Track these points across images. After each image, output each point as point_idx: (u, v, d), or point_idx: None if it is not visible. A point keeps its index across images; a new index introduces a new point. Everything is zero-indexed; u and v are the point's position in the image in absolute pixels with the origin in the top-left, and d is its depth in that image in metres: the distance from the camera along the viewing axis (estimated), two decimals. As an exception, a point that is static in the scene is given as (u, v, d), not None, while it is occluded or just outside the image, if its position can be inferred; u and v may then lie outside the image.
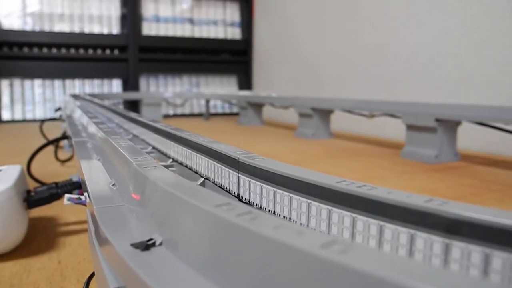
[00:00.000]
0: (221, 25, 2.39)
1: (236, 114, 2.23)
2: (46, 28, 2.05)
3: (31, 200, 0.46)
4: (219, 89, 2.43)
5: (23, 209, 0.44)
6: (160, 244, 0.15)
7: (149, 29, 2.22)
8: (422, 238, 0.13)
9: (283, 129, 1.65)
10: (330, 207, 0.15)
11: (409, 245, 0.13)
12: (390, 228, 0.13)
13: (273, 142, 1.29)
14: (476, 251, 0.12)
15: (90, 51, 2.13)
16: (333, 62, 1.75)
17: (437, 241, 0.13)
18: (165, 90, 2.29)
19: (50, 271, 0.39)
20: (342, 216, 0.14)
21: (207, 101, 2.11)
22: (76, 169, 0.74)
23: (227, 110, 2.42)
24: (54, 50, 2.07)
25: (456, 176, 0.82)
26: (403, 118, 1.02)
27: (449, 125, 0.96)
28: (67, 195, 0.39)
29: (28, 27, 2.02)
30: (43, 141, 0.80)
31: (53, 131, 1.02)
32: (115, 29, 2.18)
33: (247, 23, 2.41)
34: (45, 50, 2.05)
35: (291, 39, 2.05)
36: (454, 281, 0.08)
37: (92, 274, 0.30)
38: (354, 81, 1.63)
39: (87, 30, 2.12)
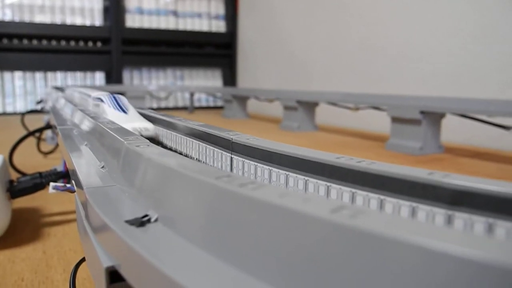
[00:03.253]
0: (205, 17, 2.37)
1: (221, 107, 2.22)
2: (27, 19, 2.01)
3: (14, 190, 0.45)
4: (204, 82, 2.41)
5: (6, 199, 0.43)
6: (156, 220, 0.14)
7: (132, 21, 2.19)
8: (424, 210, 0.13)
9: (268, 122, 1.64)
10: (328, 184, 0.15)
11: (411, 218, 0.13)
12: (391, 202, 0.13)
13: (258, 135, 1.27)
14: (479, 222, 0.12)
15: (72, 43, 2.09)
16: (319, 55, 1.75)
17: (440, 213, 0.12)
18: (149, 83, 2.27)
19: (35, 261, 0.38)
20: (341, 192, 0.14)
21: (192, 94, 2.09)
22: (60, 160, 0.73)
23: (212, 104, 2.41)
24: (35, 42, 2.03)
25: (441, 167, 0.83)
26: (388, 110, 1.03)
27: (434, 118, 0.97)
28: (52, 184, 0.38)
29: (8, 18, 1.98)
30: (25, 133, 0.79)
31: (35, 124, 1.00)
32: (98, 21, 2.15)
33: (231, 16, 2.40)
34: (25, 41, 2.01)
35: (276, 32, 2.05)
36: (463, 238, 0.08)
37: (79, 263, 0.30)
38: (341, 75, 1.63)
39: (69, 21, 2.08)
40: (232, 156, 0.20)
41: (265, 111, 1.96)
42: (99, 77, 2.18)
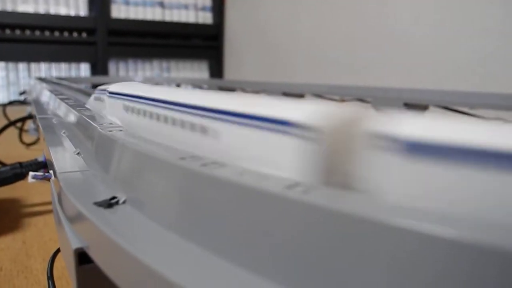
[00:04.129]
0: (192, 9, 2.35)
1: (208, 99, 2.21)
2: (9, 8, 1.97)
3: (-6, 180, 0.45)
4: (190, 74, 2.40)
5: (-15, 189, 0.43)
6: (124, 202, 0.14)
7: (118, 12, 2.17)
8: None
9: (254, 114, 1.64)
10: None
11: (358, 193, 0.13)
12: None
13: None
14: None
15: (57, 34, 2.06)
16: (305, 48, 1.75)
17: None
18: (135, 74, 2.25)
19: (15, 251, 0.38)
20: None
21: (178, 86, 2.08)
22: (42, 151, 0.73)
23: (198, 96, 2.39)
24: (18, 32, 2.00)
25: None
26: (372, 102, 1.03)
27: (417, 110, 0.98)
28: (31, 173, 0.38)
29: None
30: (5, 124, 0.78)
31: (18, 115, 0.99)
32: (83, 11, 2.12)
33: (218, 7, 2.38)
34: (8, 31, 1.98)
35: (262, 24, 2.04)
36: (406, 211, 0.08)
37: (57, 251, 0.30)
38: (326, 67, 1.63)
39: (53, 11, 2.05)
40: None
41: (252, 103, 1.95)
42: (84, 68, 2.15)
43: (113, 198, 0.15)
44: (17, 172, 0.46)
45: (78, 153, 0.22)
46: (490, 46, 1.08)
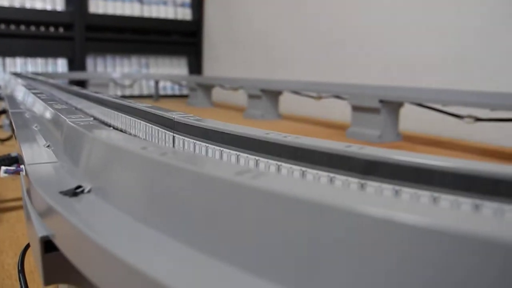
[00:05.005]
0: (171, 5, 2.34)
1: (187, 96, 2.20)
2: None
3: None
4: (169, 70, 2.39)
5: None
6: (89, 191, 0.15)
7: (96, 7, 2.14)
8: (340, 180, 0.14)
9: (232, 110, 1.65)
10: (257, 157, 0.16)
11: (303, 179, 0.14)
12: (311, 173, 0.14)
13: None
14: (387, 189, 0.13)
15: (33, 28, 2.03)
16: (283, 44, 1.76)
17: (353, 182, 0.14)
18: (113, 70, 2.23)
19: (-13, 246, 0.38)
20: (269, 165, 0.15)
21: (156, 82, 2.07)
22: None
23: (178, 92, 2.39)
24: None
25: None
26: (349, 99, 1.05)
27: (392, 107, 1.00)
28: (3, 168, 0.38)
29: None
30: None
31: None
32: (60, 6, 2.09)
33: (197, 4, 2.37)
34: (-18, 26, 1.94)
35: (241, 21, 2.05)
36: (355, 196, 0.09)
37: (28, 245, 0.30)
38: (304, 65, 1.65)
39: (28, 5, 2.01)
40: (174, 135, 0.21)
41: (231, 100, 1.96)
42: (61, 64, 2.12)
43: (79, 187, 0.15)
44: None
45: (48, 146, 0.22)
46: (463, 45, 1.11)
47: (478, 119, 0.93)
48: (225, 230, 0.10)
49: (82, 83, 1.99)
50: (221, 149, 0.17)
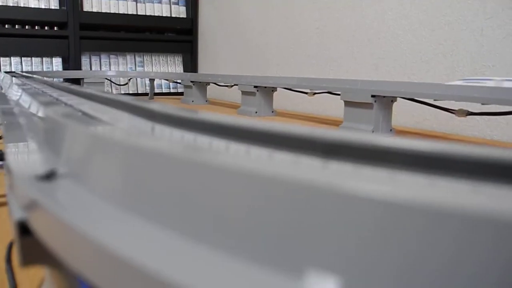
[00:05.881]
0: (165, 2, 2.34)
1: (182, 93, 2.21)
2: (-23, 2, 1.93)
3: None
4: (165, 68, 2.39)
5: None
6: (63, 175, 0.15)
7: (90, 5, 2.14)
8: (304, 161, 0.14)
9: (227, 107, 1.65)
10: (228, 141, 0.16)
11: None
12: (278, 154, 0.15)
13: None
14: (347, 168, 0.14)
15: (27, 27, 2.03)
16: (277, 41, 1.77)
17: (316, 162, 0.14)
18: (108, 69, 2.23)
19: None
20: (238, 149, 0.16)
21: (151, 80, 2.07)
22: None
23: (173, 90, 2.39)
24: (-13, 26, 1.96)
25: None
26: (341, 95, 1.05)
27: (385, 101, 1.00)
28: (-6, 162, 0.38)
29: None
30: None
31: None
32: (54, 5, 2.08)
33: (192, 1, 2.37)
34: (-24, 25, 1.94)
35: (235, 18, 2.05)
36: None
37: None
38: (297, 61, 1.65)
39: (22, 4, 2.01)
40: (154, 125, 0.21)
41: (226, 97, 1.96)
42: (56, 62, 2.12)
43: (52, 171, 0.16)
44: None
45: (31, 136, 0.23)
46: (453, 38, 1.11)
47: (470, 113, 0.93)
48: (193, 208, 0.11)
49: (77, 82, 1.99)
50: (196, 135, 0.18)
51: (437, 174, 0.13)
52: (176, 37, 2.39)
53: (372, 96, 0.98)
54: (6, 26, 1.99)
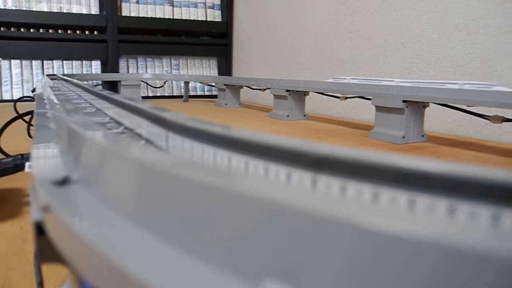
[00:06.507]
0: (201, 7, 2.38)
1: (216, 96, 2.24)
2: (24, 7, 2.02)
3: (-5, 170, 0.48)
4: (199, 71, 2.43)
5: (-13, 179, 0.46)
6: (76, 181, 0.17)
7: (128, 10, 2.20)
8: (296, 175, 0.15)
9: (259, 110, 1.67)
10: (228, 153, 0.17)
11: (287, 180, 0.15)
12: (274, 169, 0.16)
13: (246, 122, 1.31)
14: (335, 185, 0.14)
15: (69, 32, 2.11)
16: (311, 45, 1.77)
17: (306, 176, 0.15)
18: (145, 72, 2.29)
19: (12, 236, 0.41)
20: (234, 159, 0.17)
21: (186, 83, 2.11)
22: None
23: (208, 93, 2.42)
24: (32, 30, 2.05)
25: (419, 155, 0.85)
26: (372, 100, 1.05)
27: (416, 107, 0.99)
28: (27, 163, 0.40)
29: (7, 6, 1.99)
30: (19, 120, 0.81)
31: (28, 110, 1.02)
32: (94, 10, 2.16)
33: (227, 5, 2.40)
34: (23, 30, 2.03)
35: (269, 22, 2.06)
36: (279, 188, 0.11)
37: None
38: (330, 65, 1.65)
39: (65, 10, 2.09)
40: (168, 133, 0.23)
41: (259, 100, 1.98)
42: (95, 65, 2.19)
43: (66, 177, 0.17)
44: (18, 163, 0.49)
45: (56, 141, 0.25)
46: (490, 41, 1.09)
47: (506, 120, 0.91)
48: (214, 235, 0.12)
49: (114, 84, 2.05)
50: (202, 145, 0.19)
51: (417, 191, 0.14)
52: (211, 40, 2.42)
53: (404, 101, 0.97)
54: (50, 31, 2.08)
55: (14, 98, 1.99)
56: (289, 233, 0.10)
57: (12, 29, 2.02)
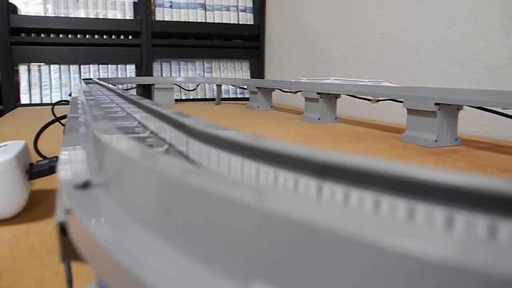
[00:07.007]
0: (233, 10, 2.40)
1: (248, 99, 2.25)
2: (63, 14, 2.09)
3: (32, 172, 0.50)
4: (232, 74, 2.45)
5: (25, 180, 0.48)
6: (97, 185, 0.18)
7: (162, 14, 2.24)
8: (303, 182, 0.16)
9: (291, 113, 1.67)
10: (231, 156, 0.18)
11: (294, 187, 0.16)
12: (282, 175, 0.16)
13: (277, 125, 1.32)
14: (339, 192, 0.15)
15: (105, 37, 2.17)
16: (342, 46, 1.76)
17: (311, 182, 0.15)
18: (178, 75, 2.33)
19: (46, 234, 0.43)
20: (244, 164, 0.17)
21: (218, 86, 2.13)
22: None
23: (240, 95, 2.44)
24: (70, 36, 2.12)
25: (451, 159, 0.83)
26: (404, 102, 1.03)
27: (449, 110, 0.97)
28: (60, 166, 0.42)
29: (45, 13, 2.07)
30: (56, 123, 0.84)
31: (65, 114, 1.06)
32: (129, 15, 2.21)
33: (259, 8, 2.42)
34: (61, 36, 2.10)
35: (302, 24, 2.06)
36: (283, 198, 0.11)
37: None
38: (363, 66, 1.63)
39: (101, 16, 2.15)
40: (189, 139, 0.23)
41: (291, 103, 1.98)
42: (130, 69, 2.25)
43: (87, 181, 0.18)
44: (53, 165, 0.51)
45: (84, 146, 0.26)
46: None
47: (544, 123, 0.88)
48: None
49: (148, 87, 2.10)
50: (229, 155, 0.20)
51: (417, 200, 0.14)
52: (244, 43, 2.44)
53: (436, 104, 0.95)
54: (87, 36, 2.15)
55: (53, 101, 2.06)
56: (311, 251, 0.10)
57: (52, 35, 2.09)
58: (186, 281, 0.11)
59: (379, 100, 1.26)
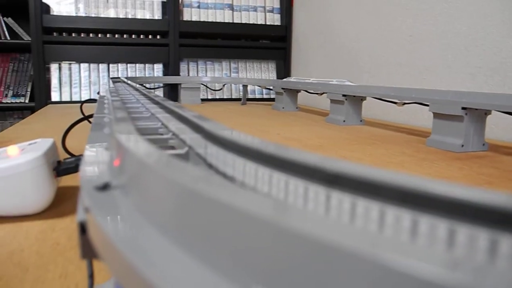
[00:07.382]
0: (261, 11, 2.41)
1: (274, 100, 2.25)
2: (93, 14, 2.14)
3: (59, 169, 0.51)
4: (258, 74, 2.46)
5: (52, 177, 0.49)
6: (116, 187, 0.18)
7: (189, 14, 2.27)
8: (313, 190, 0.16)
9: (316, 115, 1.66)
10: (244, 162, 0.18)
11: (304, 195, 0.16)
12: (294, 183, 0.17)
13: (302, 127, 1.32)
14: (346, 202, 0.15)
15: (133, 36, 2.21)
16: (369, 48, 1.74)
17: (321, 191, 0.16)
18: (204, 75, 2.35)
19: (71, 230, 0.44)
20: (257, 171, 0.18)
21: (244, 86, 2.14)
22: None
23: (266, 96, 2.45)
24: (100, 35, 2.16)
25: (478, 165, 0.82)
26: (430, 106, 1.02)
27: (477, 114, 0.95)
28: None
29: (76, 12, 2.12)
30: (84, 121, 0.86)
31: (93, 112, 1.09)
32: (157, 15, 2.25)
33: (286, 9, 2.42)
34: (91, 35, 2.15)
35: (329, 25, 2.05)
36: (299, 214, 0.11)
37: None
38: (390, 68, 1.62)
39: (130, 16, 2.19)
40: (206, 143, 0.24)
41: (316, 104, 1.97)
42: (157, 68, 2.28)
43: (106, 183, 0.19)
44: (79, 163, 0.53)
45: (106, 147, 0.27)
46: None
47: None
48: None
49: (175, 87, 2.13)
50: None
51: (420, 211, 0.14)
52: (270, 44, 2.45)
53: (463, 108, 0.93)
54: (116, 36, 2.19)
55: (82, 99, 2.11)
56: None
57: (82, 35, 2.14)
58: (194, 287, 0.12)
59: (405, 103, 1.24)
